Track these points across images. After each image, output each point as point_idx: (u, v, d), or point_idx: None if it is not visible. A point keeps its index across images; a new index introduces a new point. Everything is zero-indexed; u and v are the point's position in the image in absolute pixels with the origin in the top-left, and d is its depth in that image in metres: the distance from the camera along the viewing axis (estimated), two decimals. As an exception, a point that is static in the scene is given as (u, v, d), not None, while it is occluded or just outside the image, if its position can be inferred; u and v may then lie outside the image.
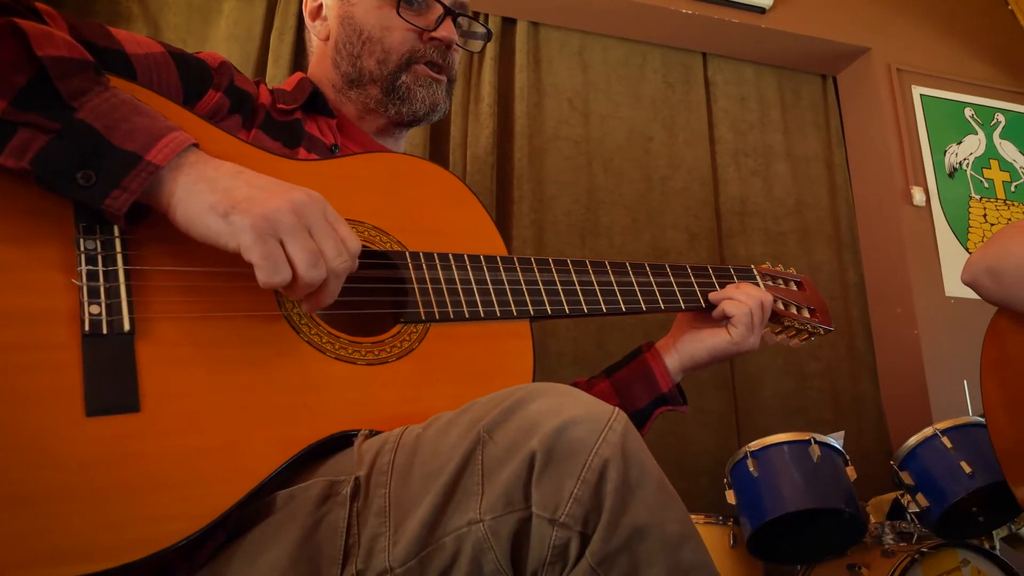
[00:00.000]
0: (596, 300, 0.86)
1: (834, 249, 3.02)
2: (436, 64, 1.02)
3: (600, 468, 0.56)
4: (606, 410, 0.59)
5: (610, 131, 2.88)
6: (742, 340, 1.00)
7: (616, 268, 0.91)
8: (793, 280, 1.11)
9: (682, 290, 0.97)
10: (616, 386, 1.04)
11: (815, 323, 1.08)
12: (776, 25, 2.88)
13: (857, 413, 2.85)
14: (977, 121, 3.02)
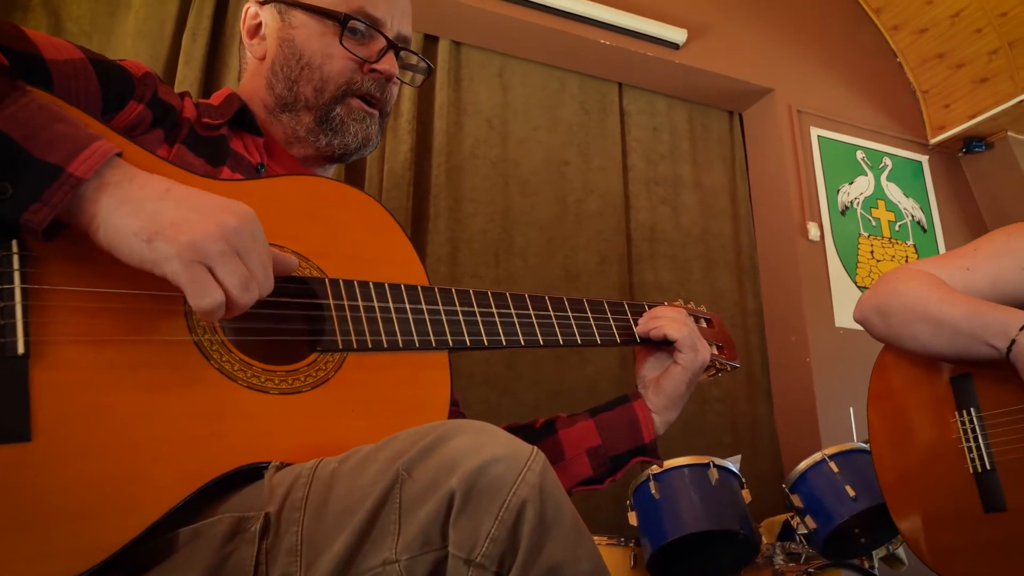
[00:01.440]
0: (515, 333, 0.87)
1: (736, 277, 3.15)
2: (372, 97, 1.01)
3: (518, 508, 0.56)
4: (526, 449, 0.60)
5: (527, 153, 2.92)
6: (692, 361, 1.01)
7: (535, 302, 0.92)
8: (704, 317, 1.15)
9: (598, 324, 0.99)
10: (599, 425, 1.04)
11: (723, 359, 1.12)
12: (688, 61, 3.00)
13: (753, 436, 2.98)
14: (867, 163, 3.23)
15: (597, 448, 1.00)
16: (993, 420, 1.07)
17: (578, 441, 1.01)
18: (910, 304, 1.13)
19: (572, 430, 1.02)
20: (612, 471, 1.02)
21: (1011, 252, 1.14)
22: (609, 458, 1.01)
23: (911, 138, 3.35)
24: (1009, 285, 1.13)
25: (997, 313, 1.03)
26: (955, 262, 1.17)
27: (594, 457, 1.00)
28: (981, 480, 1.06)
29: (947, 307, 1.08)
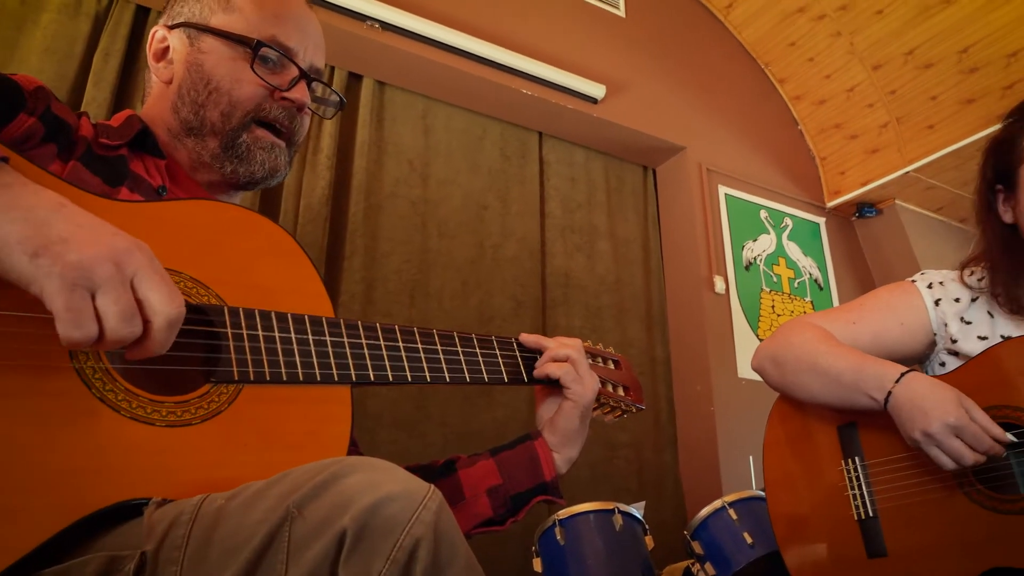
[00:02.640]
0: (421, 368, 0.86)
1: (646, 326, 3.23)
2: (281, 125, 0.99)
3: (411, 548, 0.55)
4: (422, 488, 0.59)
5: (447, 195, 2.94)
6: (580, 396, 1.02)
7: (444, 338, 0.91)
8: (611, 359, 1.17)
9: (506, 361, 0.99)
10: (500, 464, 1.02)
11: (629, 401, 1.14)
12: (606, 116, 3.11)
13: (658, 483, 3.03)
14: (770, 222, 3.41)
15: (497, 487, 0.99)
16: (876, 468, 1.13)
17: (478, 481, 0.99)
18: (801, 355, 1.18)
19: (472, 470, 1.01)
20: (513, 511, 1.00)
21: (892, 309, 1.22)
22: (510, 497, 1.00)
23: (810, 201, 3.57)
24: (890, 339, 1.21)
25: (877, 367, 1.09)
26: (843, 316, 1.24)
27: (494, 497, 0.98)
28: (864, 526, 1.11)
29: (833, 359, 1.14)
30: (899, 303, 1.22)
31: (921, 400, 1.02)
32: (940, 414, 0.99)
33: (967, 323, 1.17)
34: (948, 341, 1.17)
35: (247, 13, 0.98)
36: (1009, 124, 1.17)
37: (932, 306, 1.20)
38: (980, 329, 1.16)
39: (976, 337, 1.15)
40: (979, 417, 1.00)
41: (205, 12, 0.99)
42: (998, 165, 1.17)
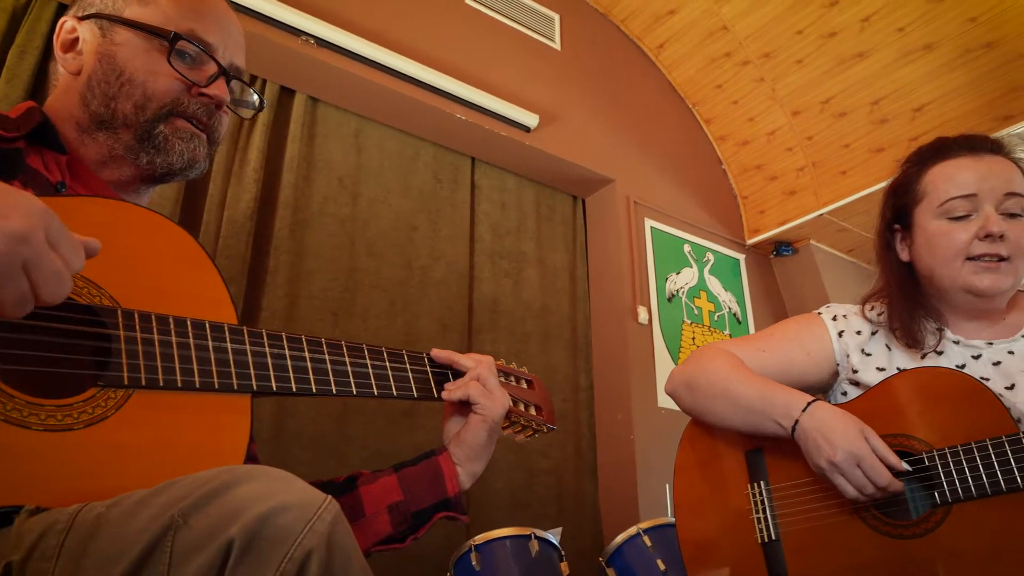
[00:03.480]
0: (327, 380, 0.83)
1: (570, 354, 3.26)
2: (199, 121, 0.96)
3: (302, 559, 0.53)
4: (318, 498, 0.57)
5: (377, 215, 2.91)
6: (490, 410, 1.01)
7: (352, 350, 0.89)
8: (524, 378, 1.17)
9: (416, 376, 0.98)
10: (402, 480, 1.00)
11: (540, 420, 1.14)
12: (538, 145, 3.15)
13: (577, 510, 3.03)
14: (693, 256, 3.51)
15: (399, 504, 0.97)
16: (780, 492, 1.16)
17: (379, 497, 0.97)
18: (713, 381, 1.22)
19: (374, 486, 0.98)
20: (414, 528, 0.98)
21: (799, 339, 1.27)
22: (411, 514, 0.98)
23: (731, 237, 3.69)
24: (796, 368, 1.25)
25: (784, 395, 1.13)
26: (754, 344, 1.28)
27: (395, 514, 0.96)
28: (767, 550, 1.14)
29: (743, 386, 1.17)
30: (806, 334, 1.27)
31: (827, 430, 1.06)
32: (845, 444, 1.03)
33: (867, 355, 1.22)
34: (850, 371, 1.22)
35: (164, 6, 0.95)
36: (907, 168, 1.24)
37: (836, 337, 1.25)
38: (879, 361, 1.21)
39: (875, 368, 1.20)
40: (879, 447, 1.04)
41: (119, 3, 0.95)
42: (896, 206, 1.24)
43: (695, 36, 3.59)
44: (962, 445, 1.01)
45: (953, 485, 1.01)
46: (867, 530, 1.06)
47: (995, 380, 1.11)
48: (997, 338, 1.15)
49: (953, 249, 1.12)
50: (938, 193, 1.15)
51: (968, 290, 1.12)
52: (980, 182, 1.12)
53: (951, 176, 1.15)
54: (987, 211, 1.10)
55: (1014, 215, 1.11)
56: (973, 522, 0.98)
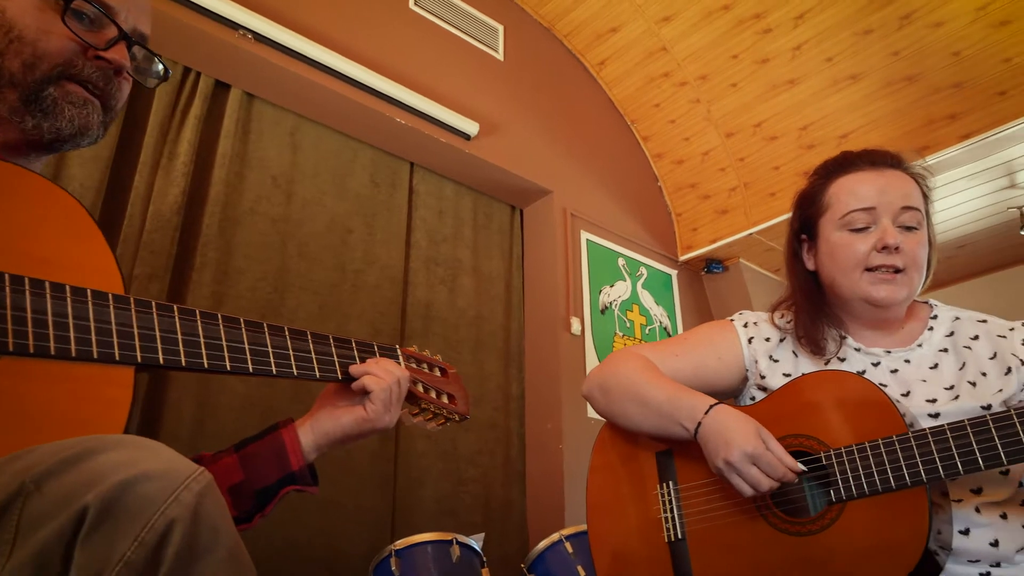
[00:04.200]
0: (221, 356, 0.81)
1: (503, 363, 3.26)
2: (95, 86, 0.91)
3: (164, 529, 0.51)
4: (188, 468, 0.55)
5: (311, 216, 2.87)
6: (377, 417, 1.00)
7: (251, 327, 0.87)
8: (438, 366, 1.16)
9: (320, 359, 0.96)
10: (243, 460, 0.96)
11: (452, 409, 1.13)
12: (478, 153, 3.17)
13: (504, 518, 3.02)
14: (627, 270, 3.56)
15: (240, 484, 0.93)
16: (687, 492, 1.18)
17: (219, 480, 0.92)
18: (626, 384, 1.23)
19: (213, 468, 0.94)
20: (260, 507, 0.94)
21: (712, 344, 1.30)
22: (255, 492, 0.94)
23: (665, 253, 3.77)
24: (708, 372, 1.28)
25: (690, 398, 1.15)
26: (668, 349, 1.30)
27: (237, 495, 0.93)
28: (674, 549, 1.15)
29: (653, 390, 1.19)
30: (718, 339, 1.30)
31: (726, 431, 1.08)
32: (741, 444, 1.06)
33: (775, 361, 1.26)
34: (758, 377, 1.26)
35: None
36: (813, 180, 1.28)
37: (746, 343, 1.28)
38: (785, 367, 1.25)
39: (782, 374, 1.24)
40: (774, 447, 1.07)
41: None
42: (803, 217, 1.28)
43: (636, 55, 3.67)
44: (856, 445, 1.05)
45: (847, 483, 1.04)
46: (767, 528, 1.09)
47: (892, 386, 1.16)
48: (895, 347, 1.20)
49: (853, 260, 1.17)
50: (840, 205, 1.20)
51: (866, 300, 1.17)
52: (879, 195, 1.17)
53: (852, 189, 1.19)
54: (884, 224, 1.15)
55: (910, 228, 1.16)
56: (863, 518, 1.01)
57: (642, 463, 1.25)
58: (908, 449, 1.02)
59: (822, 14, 3.22)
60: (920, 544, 0.96)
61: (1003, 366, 1.13)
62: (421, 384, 1.10)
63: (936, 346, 1.18)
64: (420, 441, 2.93)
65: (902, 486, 1.00)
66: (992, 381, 1.12)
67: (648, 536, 1.19)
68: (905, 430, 1.03)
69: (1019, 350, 1.14)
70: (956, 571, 1.02)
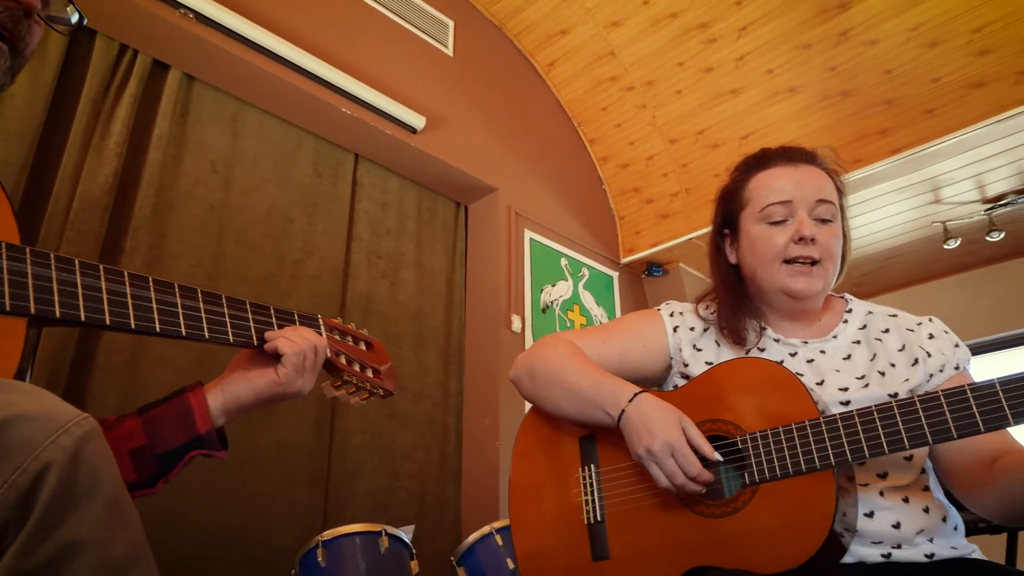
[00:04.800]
0: (125, 313, 0.78)
1: (443, 359, 3.25)
2: (3, 28, 0.86)
3: (38, 472, 0.49)
4: (69, 413, 0.53)
5: (251, 204, 2.82)
6: (288, 381, 0.98)
7: (160, 286, 0.85)
8: (364, 340, 1.15)
9: (234, 323, 0.94)
10: (147, 423, 0.92)
11: (376, 383, 1.11)
12: (424, 147, 3.15)
13: (439, 513, 3.01)
14: (569, 271, 3.60)
15: (142, 448, 0.90)
16: (608, 475, 1.19)
17: (120, 443, 0.89)
18: (552, 369, 1.24)
19: (114, 432, 0.91)
20: (163, 472, 0.92)
21: (638, 332, 1.32)
22: (157, 457, 0.91)
23: (607, 255, 3.81)
24: (634, 360, 1.30)
25: (614, 385, 1.17)
26: (596, 336, 1.32)
27: (139, 459, 0.90)
28: (592, 531, 1.17)
29: (578, 376, 1.20)
30: (645, 327, 1.32)
31: (649, 420, 1.10)
32: (663, 434, 1.07)
33: (698, 350, 1.29)
34: (681, 365, 1.28)
35: None
36: (734, 176, 1.32)
37: (671, 332, 1.31)
38: (708, 356, 1.27)
39: (704, 363, 1.27)
40: (694, 436, 1.09)
41: None
42: (725, 211, 1.32)
43: (584, 58, 3.71)
44: (771, 430, 1.08)
45: (761, 466, 1.07)
46: (684, 510, 1.11)
47: (808, 376, 1.20)
48: (812, 338, 1.24)
49: (772, 252, 1.20)
50: (759, 199, 1.24)
51: (784, 291, 1.20)
52: (795, 189, 1.21)
53: (770, 184, 1.23)
54: (801, 216, 1.19)
55: (825, 220, 1.21)
56: (773, 500, 1.04)
57: (565, 447, 1.26)
58: (818, 434, 1.05)
59: (765, 27, 3.31)
60: (825, 526, 0.99)
61: (911, 357, 1.18)
62: (344, 356, 1.08)
63: (850, 338, 1.23)
64: (356, 435, 2.90)
65: (811, 469, 1.03)
66: (900, 371, 1.17)
67: (568, 518, 1.20)
68: (817, 416, 1.07)
69: (926, 343, 1.20)
70: (860, 552, 1.06)
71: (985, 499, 1.09)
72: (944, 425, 0.96)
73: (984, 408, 0.94)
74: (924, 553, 1.06)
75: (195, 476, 2.36)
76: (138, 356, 2.36)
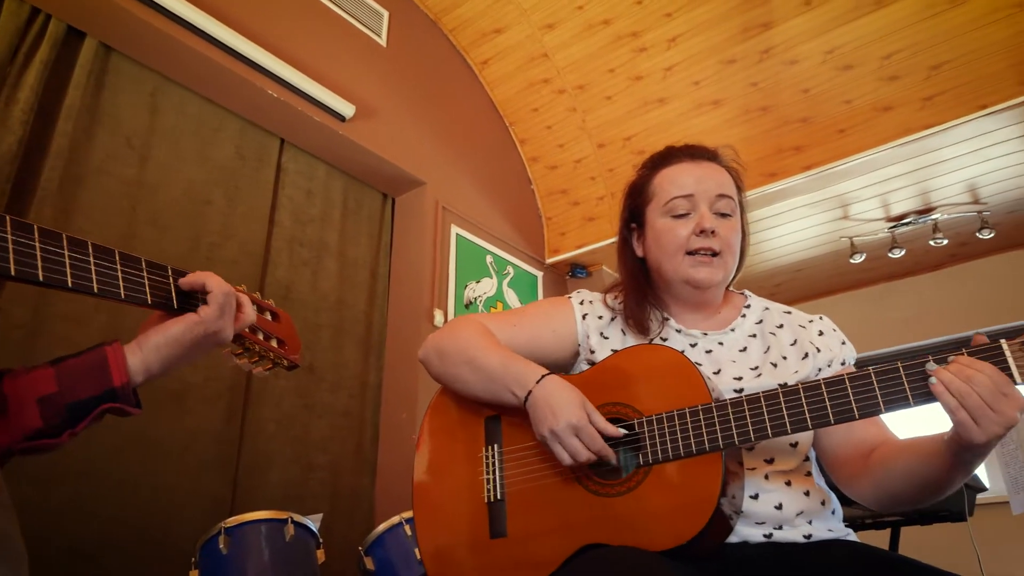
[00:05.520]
0: (32, 263, 0.73)
1: (363, 351, 3.22)
2: None
3: None
4: None
5: (167, 182, 2.73)
6: (211, 320, 0.95)
7: (75, 244, 0.81)
8: (269, 310, 1.13)
9: (153, 283, 0.90)
10: (60, 373, 0.88)
11: (280, 354, 1.10)
12: (352, 136, 3.12)
13: (352, 506, 2.98)
14: (494, 268, 3.62)
15: (52, 396, 0.87)
16: (511, 455, 1.21)
17: (27, 390, 0.86)
18: (461, 348, 1.25)
19: (22, 379, 0.88)
20: (71, 422, 0.88)
21: (548, 317, 1.34)
22: (66, 406, 0.88)
23: (532, 254, 3.85)
24: (543, 344, 1.32)
25: (522, 366, 1.19)
26: (507, 319, 1.34)
27: (46, 406, 0.86)
28: (492, 509, 1.18)
29: (487, 356, 1.21)
30: (555, 313, 1.35)
31: (553, 401, 1.12)
32: (566, 415, 1.10)
33: (605, 338, 1.32)
34: (588, 351, 1.31)
35: None
36: (641, 172, 1.37)
37: (580, 319, 1.34)
38: (614, 344, 1.31)
39: (610, 350, 1.30)
40: (596, 419, 1.12)
41: None
42: (632, 206, 1.36)
43: (518, 58, 3.75)
44: (666, 413, 1.12)
45: (655, 448, 1.10)
46: (580, 489, 1.13)
47: (706, 365, 1.24)
48: (711, 330, 1.29)
49: (675, 244, 1.25)
50: (663, 194, 1.29)
51: (687, 282, 1.25)
52: (696, 184, 1.26)
53: (673, 179, 1.29)
54: (702, 210, 1.25)
55: (724, 215, 1.26)
56: (664, 481, 1.08)
57: (471, 428, 1.27)
58: (709, 419, 1.09)
59: (693, 39, 3.42)
60: (710, 506, 1.03)
61: (801, 352, 1.24)
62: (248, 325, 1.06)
63: (747, 332, 1.28)
64: (270, 425, 2.84)
65: (701, 451, 1.07)
66: (791, 364, 1.23)
67: (470, 497, 1.21)
68: (710, 401, 1.11)
69: (816, 339, 1.26)
70: (744, 532, 1.10)
71: (862, 487, 1.16)
72: (823, 411, 1.02)
73: (859, 396, 1.00)
74: (803, 534, 1.11)
75: (95, 463, 2.27)
76: (37, 332, 2.26)
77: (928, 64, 3.07)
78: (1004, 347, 0.94)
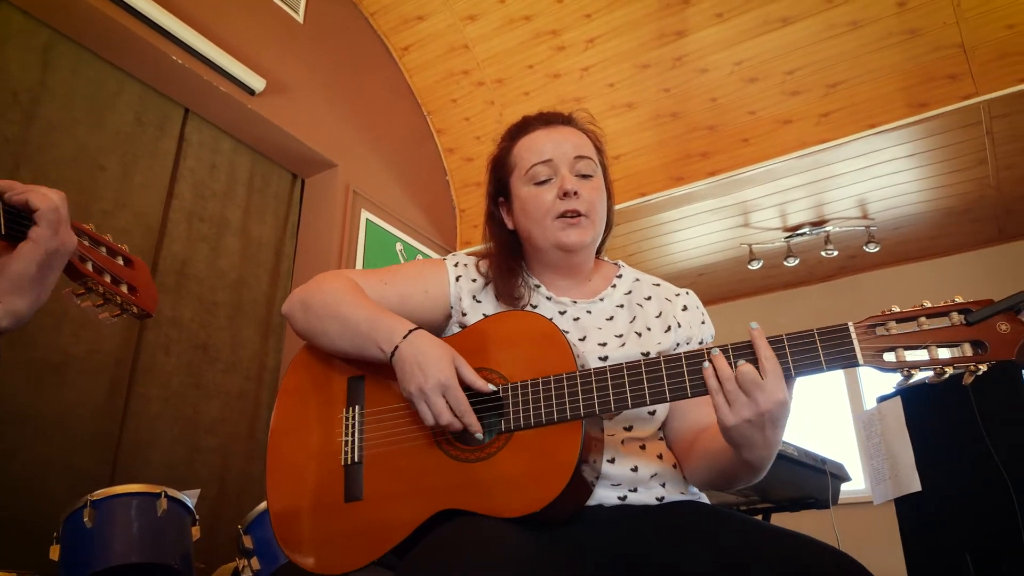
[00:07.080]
0: None
1: (262, 332, 3.14)
2: None
3: None
4: None
5: (56, 143, 2.60)
6: (47, 238, 0.89)
7: None
8: (122, 255, 1.08)
9: None
10: None
11: (129, 299, 1.05)
12: (262, 111, 3.05)
13: (241, 490, 2.90)
14: (403, 255, 3.59)
15: None
16: (372, 417, 1.19)
17: None
18: (327, 301, 1.22)
19: None
20: None
21: (421, 277, 1.34)
22: None
23: (443, 245, 3.85)
24: (414, 304, 1.31)
25: (391, 321, 1.17)
26: (377, 276, 1.32)
27: None
28: (348, 472, 1.16)
29: (355, 309, 1.19)
30: (428, 273, 1.34)
31: (422, 357, 1.11)
32: (436, 373, 1.09)
33: (478, 302, 1.32)
34: (460, 315, 1.31)
35: None
36: (501, 145, 1.38)
37: (453, 281, 1.33)
38: (487, 308, 1.31)
39: (482, 315, 1.30)
40: (467, 374, 1.12)
41: None
42: (496, 179, 1.38)
43: (439, 48, 3.74)
44: (531, 380, 1.13)
45: (517, 415, 1.11)
46: (440, 454, 1.13)
47: (572, 332, 1.26)
48: (581, 298, 1.31)
49: (542, 209, 1.27)
50: (524, 163, 1.31)
51: (558, 246, 1.27)
52: (554, 148, 1.29)
53: (531, 146, 1.31)
54: (563, 173, 1.27)
55: (586, 175, 1.29)
56: (524, 448, 1.08)
57: (333, 387, 1.24)
58: (573, 387, 1.10)
59: (610, 42, 3.49)
60: (567, 472, 1.04)
61: (665, 324, 1.28)
62: (92, 264, 1.02)
63: (615, 302, 1.31)
64: (156, 403, 2.74)
65: (562, 419, 1.09)
66: (655, 335, 1.26)
67: (326, 459, 1.19)
68: (575, 370, 1.12)
69: (679, 314, 1.31)
70: (600, 495, 1.13)
71: (688, 467, 1.21)
72: (681, 384, 1.04)
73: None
74: (656, 496, 1.14)
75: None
76: None
77: (826, 82, 3.23)
78: (851, 329, 0.99)
